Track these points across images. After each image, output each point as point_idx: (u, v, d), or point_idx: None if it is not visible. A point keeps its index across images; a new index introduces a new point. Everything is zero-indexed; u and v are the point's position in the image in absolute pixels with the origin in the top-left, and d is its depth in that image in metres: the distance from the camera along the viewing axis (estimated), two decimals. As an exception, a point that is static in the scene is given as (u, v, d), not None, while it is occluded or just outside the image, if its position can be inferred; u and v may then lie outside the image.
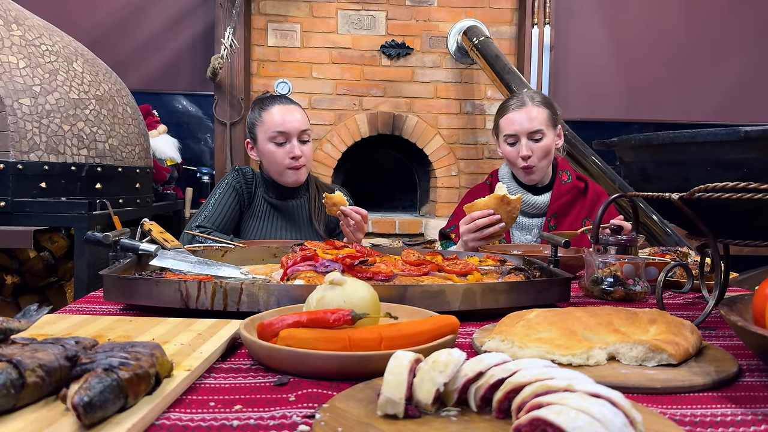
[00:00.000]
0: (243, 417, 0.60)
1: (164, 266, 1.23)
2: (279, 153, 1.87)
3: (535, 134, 1.91)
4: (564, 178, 1.99)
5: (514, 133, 1.92)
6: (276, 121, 1.87)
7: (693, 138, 0.89)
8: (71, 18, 3.76)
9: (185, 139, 3.92)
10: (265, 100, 1.94)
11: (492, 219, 1.57)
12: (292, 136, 1.87)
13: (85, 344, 0.65)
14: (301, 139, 1.89)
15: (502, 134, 1.96)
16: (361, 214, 1.67)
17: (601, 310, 0.87)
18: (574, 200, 1.98)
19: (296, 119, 1.88)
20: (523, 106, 1.93)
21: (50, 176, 2.17)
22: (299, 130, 1.87)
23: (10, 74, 2.14)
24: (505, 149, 1.97)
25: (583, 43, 4.14)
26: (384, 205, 4.33)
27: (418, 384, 0.59)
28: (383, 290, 0.97)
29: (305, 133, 1.89)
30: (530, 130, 1.90)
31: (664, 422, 0.57)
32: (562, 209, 1.96)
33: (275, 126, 1.87)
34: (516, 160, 1.94)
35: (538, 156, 1.92)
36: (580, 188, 1.99)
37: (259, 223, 1.94)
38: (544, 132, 1.92)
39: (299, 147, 1.87)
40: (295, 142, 1.87)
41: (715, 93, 4.24)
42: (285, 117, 1.87)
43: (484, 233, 1.58)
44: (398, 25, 3.86)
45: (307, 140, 1.90)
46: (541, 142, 1.92)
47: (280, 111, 1.88)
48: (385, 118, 3.85)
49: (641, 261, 1.25)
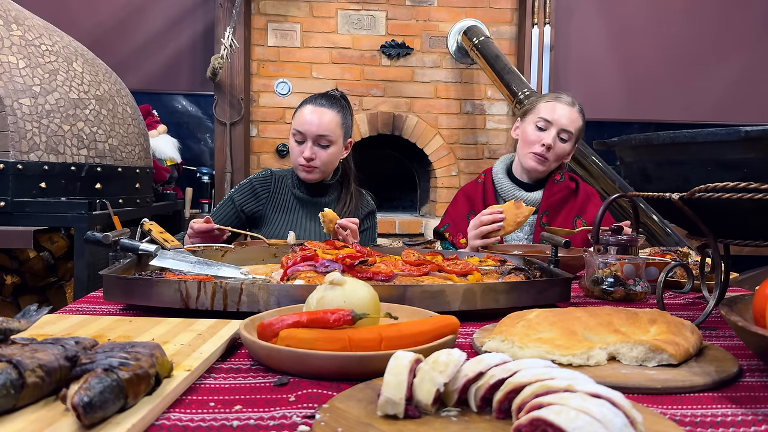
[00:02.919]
0: (243, 417, 0.60)
1: (164, 266, 1.23)
2: (296, 150, 1.93)
3: (564, 133, 1.93)
4: (557, 177, 2.01)
5: (552, 120, 1.92)
6: (299, 120, 1.92)
7: (693, 138, 0.89)
8: (71, 18, 3.76)
9: (185, 139, 3.92)
10: (308, 98, 1.99)
11: (496, 217, 1.62)
12: (308, 138, 1.90)
13: (85, 344, 0.65)
14: (319, 143, 1.90)
15: (537, 115, 1.95)
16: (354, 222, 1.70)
17: (601, 310, 0.87)
18: (566, 199, 2.00)
19: (315, 123, 1.89)
20: (568, 104, 1.95)
21: (50, 176, 2.17)
22: (315, 134, 1.89)
23: (10, 74, 2.14)
24: (528, 130, 1.96)
25: (583, 43, 4.14)
26: (384, 205, 4.33)
27: (418, 384, 0.59)
28: (383, 290, 0.97)
29: (324, 138, 1.89)
30: (565, 127, 1.92)
31: (664, 422, 0.57)
32: (553, 207, 1.98)
33: (297, 124, 1.92)
34: (534, 144, 1.94)
35: (557, 153, 1.93)
36: (571, 188, 2.01)
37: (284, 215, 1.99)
38: (571, 136, 1.94)
39: (312, 149, 1.89)
40: (309, 143, 1.89)
41: (715, 93, 4.24)
42: (307, 118, 1.90)
43: (483, 230, 1.64)
44: (398, 25, 3.86)
45: (326, 145, 1.90)
46: (565, 143, 1.94)
47: (308, 111, 1.92)
48: (385, 118, 3.85)
49: (641, 261, 1.25)
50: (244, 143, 3.77)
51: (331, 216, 1.66)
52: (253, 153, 3.85)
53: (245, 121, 3.76)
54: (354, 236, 1.67)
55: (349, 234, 1.64)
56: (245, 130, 3.77)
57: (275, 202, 2.00)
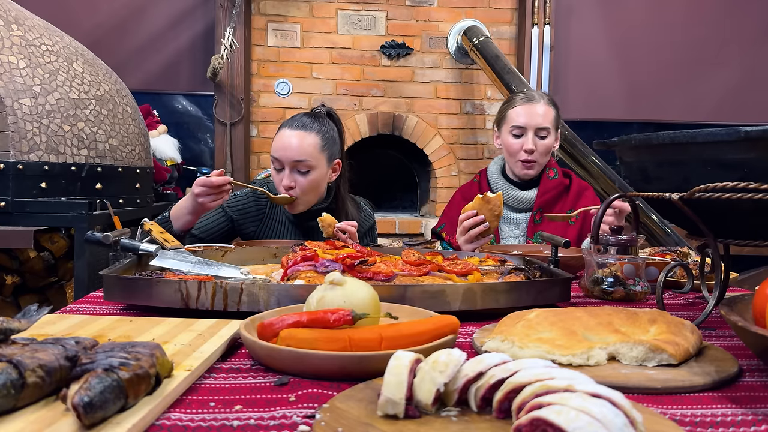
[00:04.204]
0: (243, 417, 0.60)
1: (164, 266, 1.23)
2: (276, 179, 1.81)
3: (541, 131, 1.94)
4: (551, 175, 2.02)
5: (523, 125, 1.93)
6: (275, 145, 1.79)
7: (693, 138, 0.89)
8: (71, 18, 3.76)
9: (185, 139, 3.92)
10: (287, 120, 1.86)
11: (476, 220, 1.61)
12: (286, 165, 1.76)
13: (85, 344, 0.65)
14: (298, 169, 1.75)
15: (509, 125, 1.96)
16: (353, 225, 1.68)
17: (601, 310, 0.87)
18: (559, 195, 2.02)
19: (292, 148, 1.74)
20: (534, 101, 1.95)
21: (50, 176, 2.17)
22: (292, 159, 1.74)
23: (11, 74, 2.14)
24: (507, 140, 1.97)
25: (583, 43, 4.14)
26: (384, 205, 4.33)
27: (418, 384, 0.59)
28: (383, 290, 0.97)
29: (302, 164, 1.74)
30: (539, 125, 1.93)
31: (664, 422, 0.57)
32: (547, 204, 1.99)
33: (273, 150, 1.80)
34: (518, 153, 1.95)
35: (540, 152, 1.95)
36: (565, 184, 2.03)
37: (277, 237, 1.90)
38: (549, 131, 1.95)
39: (291, 176, 1.76)
40: (287, 171, 1.76)
41: (715, 93, 4.24)
42: (283, 142, 1.76)
43: (471, 234, 1.63)
44: (398, 25, 3.86)
45: (305, 171, 1.75)
46: (545, 140, 1.95)
47: (285, 135, 1.78)
48: (385, 118, 3.85)
49: (641, 261, 1.25)
50: (244, 143, 3.77)
51: (330, 220, 1.65)
52: (253, 153, 3.85)
53: (245, 121, 3.76)
54: (354, 239, 1.66)
55: (348, 237, 1.63)
56: (245, 130, 3.77)
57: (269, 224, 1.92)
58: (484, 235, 1.65)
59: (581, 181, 2.09)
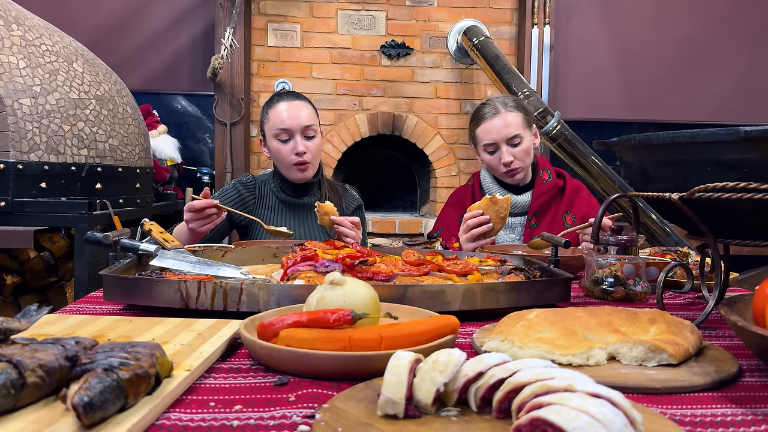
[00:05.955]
0: (243, 417, 0.60)
1: (164, 266, 1.23)
2: (283, 150, 1.88)
3: (513, 139, 1.92)
4: (545, 177, 2.01)
5: (493, 142, 1.93)
6: (279, 119, 1.88)
7: (693, 138, 0.89)
8: (71, 18, 3.76)
9: (185, 139, 3.92)
10: (273, 98, 1.95)
11: (480, 219, 1.62)
12: (296, 133, 1.87)
13: (85, 344, 0.65)
14: (306, 134, 1.88)
15: (481, 144, 1.96)
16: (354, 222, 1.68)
17: (601, 310, 0.87)
18: (554, 197, 2.02)
19: (299, 115, 1.87)
20: (498, 113, 1.93)
21: (50, 176, 2.17)
22: (302, 126, 1.87)
23: (11, 74, 2.14)
24: (485, 158, 1.98)
25: (583, 43, 4.14)
26: (384, 205, 4.33)
27: (418, 384, 0.59)
28: (383, 290, 0.97)
29: (310, 129, 1.88)
30: (508, 136, 1.91)
31: (664, 422, 0.57)
32: (542, 207, 1.99)
33: (278, 123, 1.88)
34: (498, 167, 1.95)
35: (520, 158, 1.93)
36: (559, 185, 2.02)
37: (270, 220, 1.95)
38: (521, 136, 1.93)
39: (303, 143, 1.87)
40: (298, 138, 1.87)
41: (715, 93, 4.23)
42: (288, 113, 1.87)
43: (473, 233, 1.63)
44: (398, 25, 3.86)
45: (312, 136, 1.89)
46: (520, 145, 1.93)
47: (285, 108, 1.88)
48: (385, 118, 3.85)
49: (641, 261, 1.25)
50: (244, 143, 3.77)
51: (328, 209, 1.65)
52: (253, 153, 3.85)
53: (245, 121, 3.76)
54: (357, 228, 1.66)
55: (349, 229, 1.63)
56: (245, 130, 3.77)
57: (262, 207, 1.97)
58: (487, 236, 1.64)
59: (575, 180, 2.08)
